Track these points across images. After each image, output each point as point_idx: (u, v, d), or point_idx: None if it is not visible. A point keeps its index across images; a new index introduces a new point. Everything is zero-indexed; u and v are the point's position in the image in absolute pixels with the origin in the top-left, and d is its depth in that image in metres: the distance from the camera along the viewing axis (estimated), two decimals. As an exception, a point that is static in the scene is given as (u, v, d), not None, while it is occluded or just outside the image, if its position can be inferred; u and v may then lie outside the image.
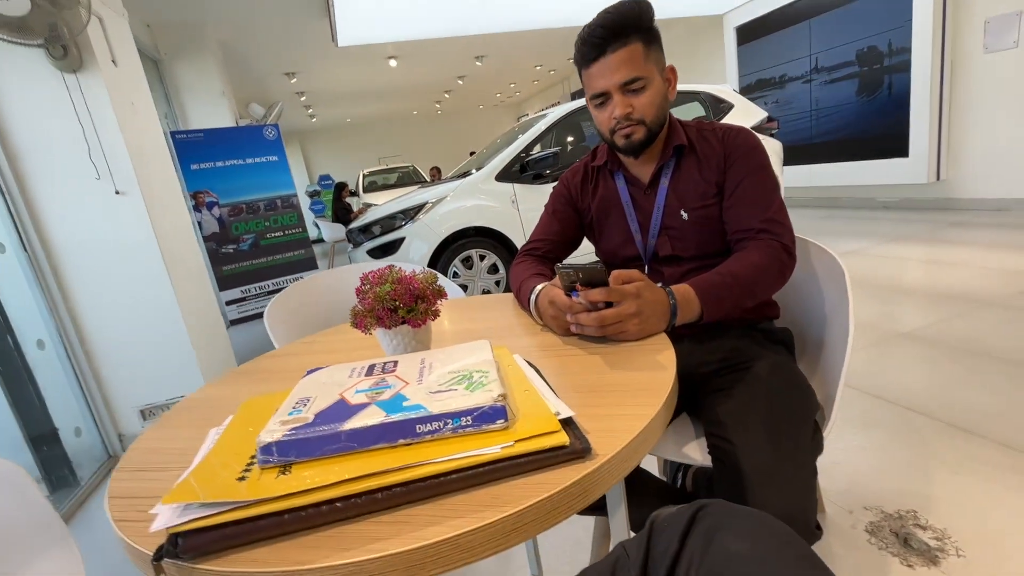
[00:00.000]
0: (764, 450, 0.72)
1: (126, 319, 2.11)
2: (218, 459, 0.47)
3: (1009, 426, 1.47)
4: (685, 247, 0.98)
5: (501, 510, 0.41)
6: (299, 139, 13.29)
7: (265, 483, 0.42)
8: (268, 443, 0.44)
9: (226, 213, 4.30)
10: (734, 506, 0.40)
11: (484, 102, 13.93)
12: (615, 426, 0.52)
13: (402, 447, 0.45)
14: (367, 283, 0.71)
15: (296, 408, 0.50)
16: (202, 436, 0.59)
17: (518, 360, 0.64)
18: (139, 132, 2.18)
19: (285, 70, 7.28)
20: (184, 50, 4.62)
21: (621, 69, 0.88)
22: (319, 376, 0.58)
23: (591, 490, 0.46)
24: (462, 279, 3.45)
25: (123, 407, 2.17)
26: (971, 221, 4.06)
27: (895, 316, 2.40)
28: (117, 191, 2.01)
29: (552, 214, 1.12)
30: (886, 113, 4.89)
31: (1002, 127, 4.20)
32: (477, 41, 7.11)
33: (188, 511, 0.40)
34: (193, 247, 2.61)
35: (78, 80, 1.91)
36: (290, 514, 0.41)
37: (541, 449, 0.45)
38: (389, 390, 0.52)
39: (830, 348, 0.97)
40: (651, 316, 0.74)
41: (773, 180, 0.93)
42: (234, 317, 4.32)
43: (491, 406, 0.47)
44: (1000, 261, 2.94)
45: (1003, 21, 4.01)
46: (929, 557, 1.09)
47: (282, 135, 4.52)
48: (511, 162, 3.50)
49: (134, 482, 0.55)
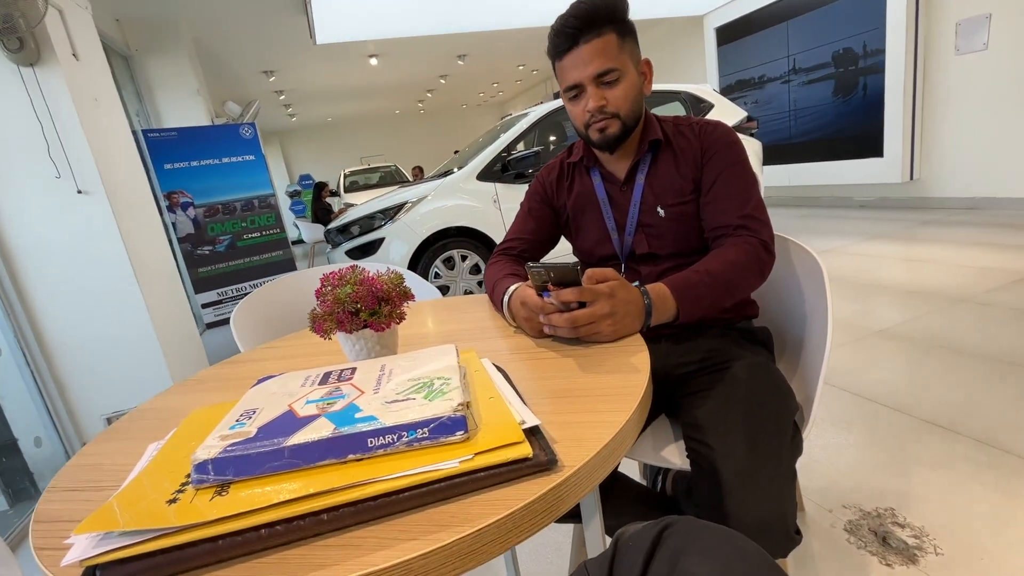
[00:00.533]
0: (742, 454, 0.70)
1: (90, 323, 2.03)
2: (149, 479, 0.43)
3: (983, 422, 1.49)
4: (662, 245, 0.96)
5: (457, 530, 0.38)
6: (279, 138, 13.06)
7: (198, 506, 0.38)
8: (203, 461, 0.40)
9: (201, 214, 4.19)
10: (702, 524, 0.37)
11: (467, 101, 13.86)
12: (585, 434, 0.49)
13: (352, 463, 0.42)
14: (327, 284, 0.67)
15: (239, 421, 0.46)
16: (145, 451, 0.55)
17: (486, 365, 0.61)
18: (103, 129, 2.10)
19: (263, 68, 7.14)
20: (156, 46, 4.49)
21: (595, 60, 0.85)
22: (269, 385, 0.54)
23: (557, 504, 0.43)
24: (444, 280, 3.41)
25: (88, 415, 2.09)
26: (944, 219, 4.15)
27: (872, 314, 2.43)
28: (79, 190, 1.93)
29: (528, 212, 1.09)
30: (862, 113, 4.98)
31: (972, 128, 4.30)
32: (459, 40, 7.06)
33: (107, 540, 0.36)
34: (164, 248, 2.53)
35: (36, 74, 1.82)
36: (225, 539, 0.37)
37: (502, 462, 0.41)
38: (342, 400, 0.48)
39: (809, 347, 0.96)
40: (625, 316, 0.71)
41: (751, 176, 0.92)
42: (210, 320, 4.21)
43: (450, 416, 0.43)
44: (972, 259, 3.00)
45: (973, 23, 4.10)
46: (907, 555, 1.08)
47: (261, 134, 4.42)
48: (492, 161, 3.47)
49: (64, 503, 0.50)
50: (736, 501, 0.67)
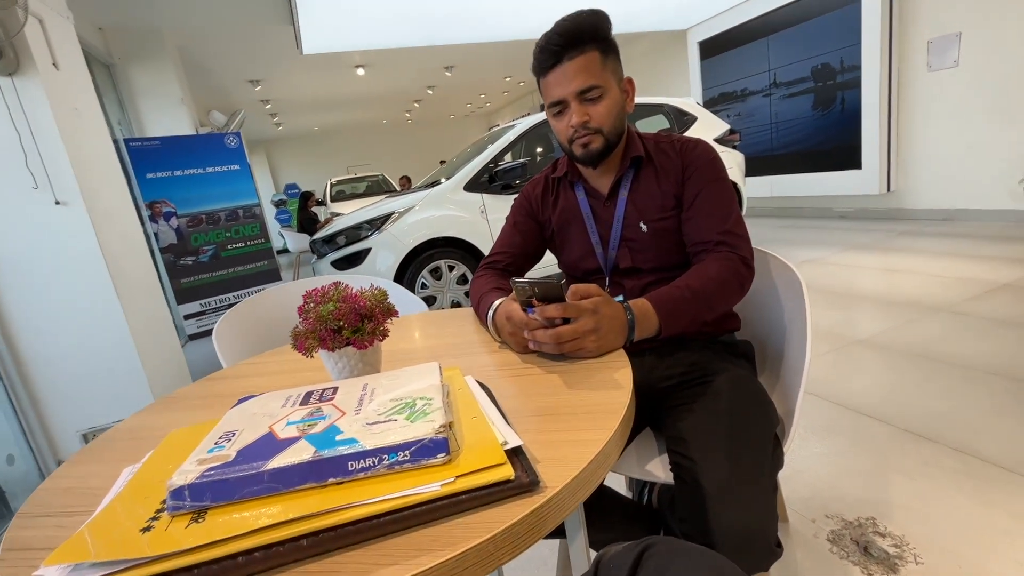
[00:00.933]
0: (724, 468, 0.71)
1: (67, 336, 1.98)
2: (123, 506, 0.42)
3: (962, 430, 1.52)
4: (645, 259, 0.97)
5: (439, 554, 0.38)
6: (265, 148, 12.97)
7: (173, 534, 0.38)
8: (180, 487, 0.40)
9: (184, 224, 4.14)
10: (681, 544, 0.38)
11: (455, 112, 13.92)
12: (567, 454, 0.49)
13: (332, 487, 0.41)
14: (310, 301, 0.67)
15: (219, 444, 0.46)
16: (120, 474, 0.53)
17: (469, 383, 0.61)
18: (83, 139, 2.07)
19: (248, 77, 7.10)
20: (139, 55, 4.45)
21: (578, 77, 0.87)
22: (250, 406, 0.54)
23: (540, 525, 0.43)
24: (431, 290, 3.40)
25: (63, 431, 2.03)
26: (919, 230, 4.25)
27: (852, 323, 2.47)
28: (57, 201, 1.90)
29: (514, 226, 1.10)
30: (840, 126, 5.10)
31: (945, 141, 4.43)
32: (446, 51, 7.10)
33: (77, 572, 0.35)
34: (145, 259, 2.48)
35: (14, 84, 1.79)
36: (200, 569, 0.36)
37: (484, 484, 0.41)
38: (323, 422, 0.48)
39: (790, 360, 0.97)
40: (608, 332, 0.72)
41: (730, 192, 0.93)
42: (192, 332, 4.14)
43: (431, 438, 0.43)
44: (948, 269, 3.07)
45: (944, 42, 4.25)
46: (888, 565, 1.10)
47: (247, 143, 4.38)
48: (480, 172, 3.48)
49: (35, 530, 0.49)
50: (717, 514, 0.68)
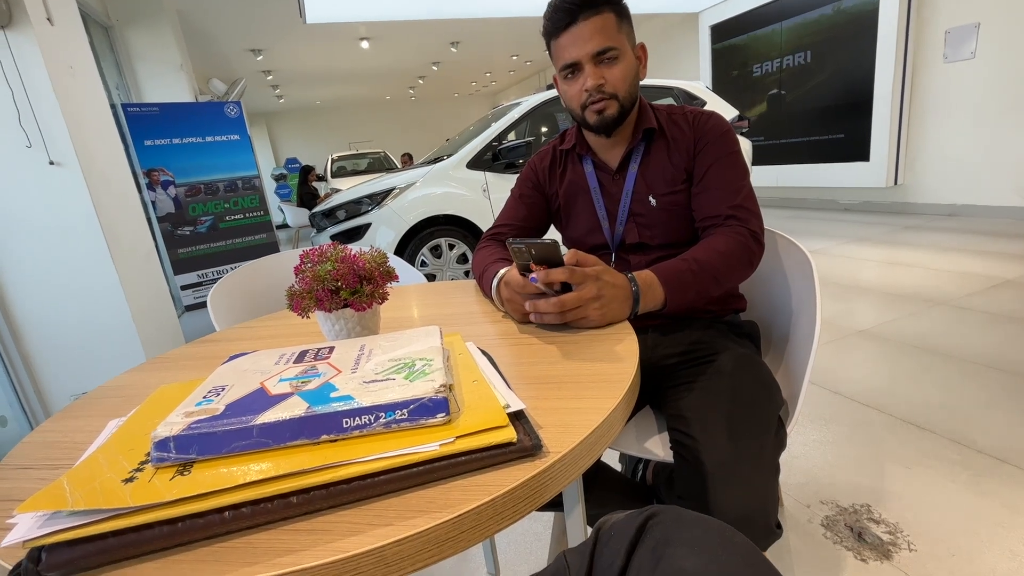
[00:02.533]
0: (725, 447, 0.69)
1: (61, 300, 1.96)
2: (105, 457, 0.40)
3: (959, 422, 1.51)
4: (653, 235, 0.94)
5: (435, 516, 0.36)
6: (265, 120, 12.79)
7: (156, 485, 0.36)
8: (164, 438, 0.38)
9: (183, 193, 4.08)
10: (687, 514, 0.36)
11: (459, 90, 13.70)
12: (571, 421, 0.47)
13: (325, 444, 0.40)
14: (307, 261, 0.64)
15: (207, 398, 0.44)
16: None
17: (471, 348, 0.59)
18: (78, 99, 2.01)
19: (250, 46, 6.96)
20: (138, 17, 4.34)
21: (594, 38, 0.83)
22: (241, 362, 0.52)
23: (541, 491, 0.41)
24: (430, 268, 3.37)
25: (57, 394, 2.02)
26: (925, 224, 4.22)
27: (854, 314, 2.46)
28: (51, 161, 1.85)
29: (519, 198, 1.07)
30: (849, 117, 5.02)
31: (956, 135, 4.37)
32: (452, 26, 6.96)
33: (54, 520, 0.33)
34: (142, 226, 2.45)
35: (6, 37, 1.74)
36: (185, 522, 0.35)
37: (485, 446, 0.39)
38: (317, 379, 0.46)
39: (795, 343, 0.95)
40: (612, 301, 0.70)
41: (742, 166, 0.90)
42: (189, 303, 4.12)
43: (431, 398, 0.41)
44: (951, 263, 3.05)
45: (962, 32, 4.16)
46: (882, 551, 1.10)
47: (247, 115, 4.31)
48: (483, 150, 3.43)
49: (15, 481, 0.47)
50: (718, 493, 0.66)
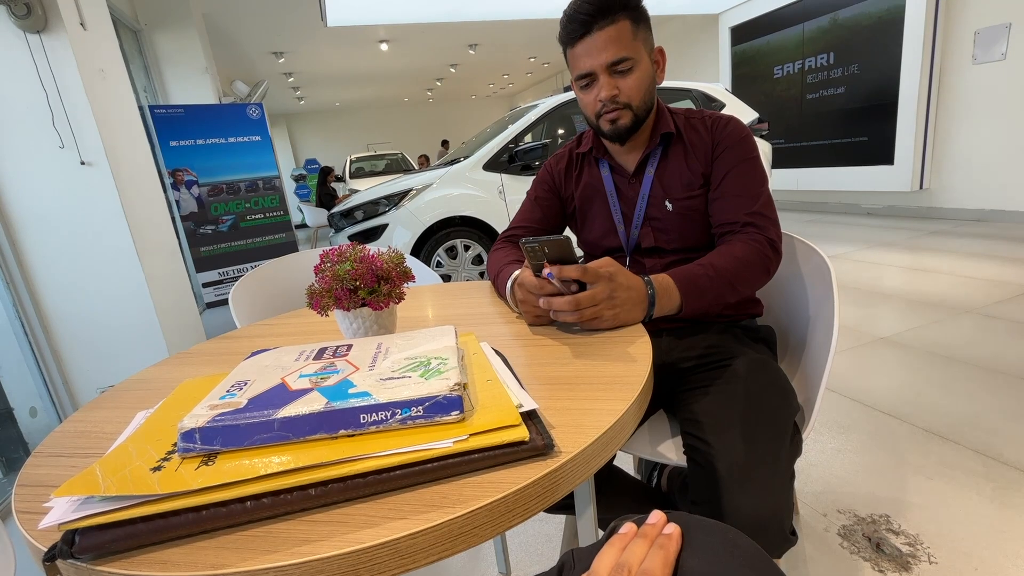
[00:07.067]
0: (740, 452, 0.69)
1: (90, 296, 2.02)
2: (135, 446, 0.42)
3: (984, 433, 1.48)
4: (668, 239, 0.94)
5: (449, 511, 0.37)
6: (286, 121, 13.02)
7: (183, 475, 0.37)
8: (190, 429, 0.39)
9: (205, 192, 4.18)
10: (696, 519, 0.36)
11: (477, 92, 13.78)
12: (583, 421, 0.48)
13: (343, 439, 0.41)
14: (327, 260, 0.66)
15: (230, 392, 0.45)
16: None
17: (485, 348, 0.60)
18: (109, 101, 2.08)
19: (272, 49, 7.09)
20: (166, 21, 4.46)
21: (608, 48, 0.83)
22: (262, 358, 0.53)
23: (552, 490, 0.42)
24: (445, 269, 3.40)
25: (84, 387, 2.08)
26: (951, 230, 4.12)
27: (875, 320, 2.41)
28: (83, 161, 1.92)
29: (535, 200, 1.08)
30: (874, 120, 4.92)
31: (984, 139, 4.25)
32: (470, 28, 7.00)
33: (87, 505, 0.35)
34: (166, 224, 2.51)
35: (42, 41, 1.80)
36: (209, 510, 0.36)
37: (498, 444, 0.40)
38: (336, 375, 0.47)
39: (813, 349, 0.94)
40: (626, 302, 0.70)
41: (761, 173, 0.90)
42: (210, 300, 4.21)
43: (445, 396, 0.42)
44: (978, 270, 2.97)
45: (992, 33, 4.05)
46: (901, 563, 1.08)
47: (268, 116, 4.39)
48: (499, 152, 3.44)
49: (49, 468, 0.49)
50: (731, 498, 0.66)
